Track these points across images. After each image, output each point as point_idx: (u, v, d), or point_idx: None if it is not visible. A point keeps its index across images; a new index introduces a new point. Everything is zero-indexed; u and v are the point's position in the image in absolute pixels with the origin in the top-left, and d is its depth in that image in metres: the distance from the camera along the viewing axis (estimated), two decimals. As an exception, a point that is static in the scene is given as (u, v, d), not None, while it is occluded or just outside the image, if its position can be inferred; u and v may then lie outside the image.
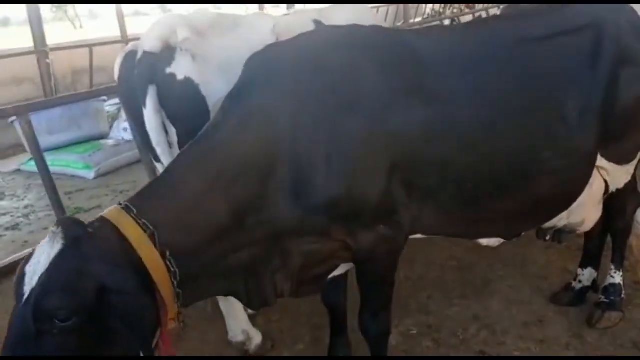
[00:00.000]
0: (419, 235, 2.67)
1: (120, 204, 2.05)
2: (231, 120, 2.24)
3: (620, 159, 2.94)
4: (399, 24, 13.78)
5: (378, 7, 14.62)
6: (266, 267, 2.35)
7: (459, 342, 3.37)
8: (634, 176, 3.19)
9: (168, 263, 1.98)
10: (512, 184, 2.53)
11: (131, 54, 2.82)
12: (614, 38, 2.63)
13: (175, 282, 2.00)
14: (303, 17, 3.57)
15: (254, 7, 11.52)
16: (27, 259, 1.87)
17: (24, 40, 10.00)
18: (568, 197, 2.77)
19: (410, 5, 16.21)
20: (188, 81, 2.69)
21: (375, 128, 2.27)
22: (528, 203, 2.61)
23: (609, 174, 3.00)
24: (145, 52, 2.72)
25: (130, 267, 1.89)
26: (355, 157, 2.24)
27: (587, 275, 3.58)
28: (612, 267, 3.43)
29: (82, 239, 1.86)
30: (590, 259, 3.56)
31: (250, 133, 2.22)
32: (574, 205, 2.96)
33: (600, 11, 2.69)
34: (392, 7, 16.24)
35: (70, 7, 41.41)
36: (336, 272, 2.63)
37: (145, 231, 1.96)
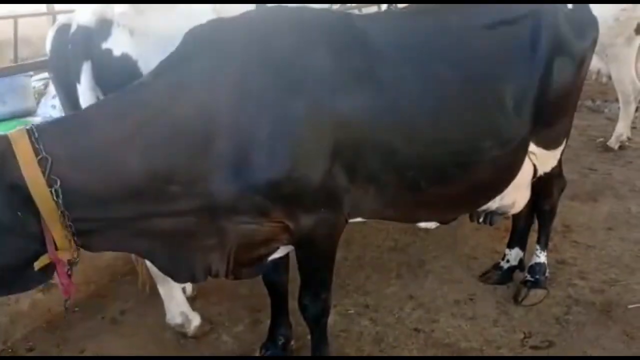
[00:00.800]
0: (359, 219, 2.71)
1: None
2: (163, 83, 2.18)
3: (548, 144, 3.09)
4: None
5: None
6: (198, 242, 2.32)
7: (395, 320, 3.47)
8: (560, 160, 3.36)
9: (52, 192, 1.95)
10: (453, 171, 2.61)
11: (64, 28, 2.69)
12: (551, 27, 2.74)
13: (62, 213, 1.98)
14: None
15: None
16: None
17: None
18: (503, 182, 2.89)
19: None
20: (125, 57, 2.60)
21: (320, 110, 2.26)
22: (467, 189, 2.71)
23: (538, 159, 3.14)
24: (79, 26, 2.60)
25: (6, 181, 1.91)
26: (298, 139, 2.23)
27: (514, 255, 3.75)
28: (538, 247, 3.62)
29: None
30: (518, 239, 3.74)
31: (184, 101, 2.15)
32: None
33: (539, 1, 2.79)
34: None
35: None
36: (276, 254, 2.64)
37: (37, 154, 1.94)
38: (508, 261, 3.78)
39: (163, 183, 2.15)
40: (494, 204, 3.20)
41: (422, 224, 3.18)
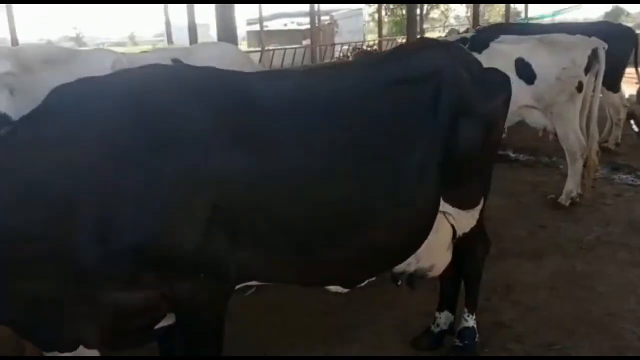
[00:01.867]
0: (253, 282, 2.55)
1: None
2: (19, 140, 2.07)
3: (463, 204, 2.98)
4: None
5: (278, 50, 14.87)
6: (65, 309, 2.16)
7: (313, 393, 3.25)
8: (480, 220, 3.25)
9: None
10: (343, 233, 2.48)
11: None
12: (453, 88, 2.68)
13: None
14: (158, 55, 3.46)
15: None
16: None
17: None
18: (408, 245, 2.76)
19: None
20: (3, 118, 2.49)
21: (192, 171, 2.15)
22: (363, 252, 2.57)
23: (455, 219, 3.03)
24: (-43, 85, 2.49)
25: None
26: (166, 201, 2.11)
27: (443, 318, 3.58)
28: (465, 310, 3.46)
29: None
30: (446, 302, 3.58)
31: (41, 159, 2.04)
32: (421, 250, 2.96)
33: (441, 60, 2.73)
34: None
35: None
36: (164, 323, 2.45)
37: None
38: (438, 325, 3.61)
39: (18, 243, 2.01)
40: (410, 266, 3.07)
41: (332, 288, 3.00)
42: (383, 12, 32.54)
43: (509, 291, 4.29)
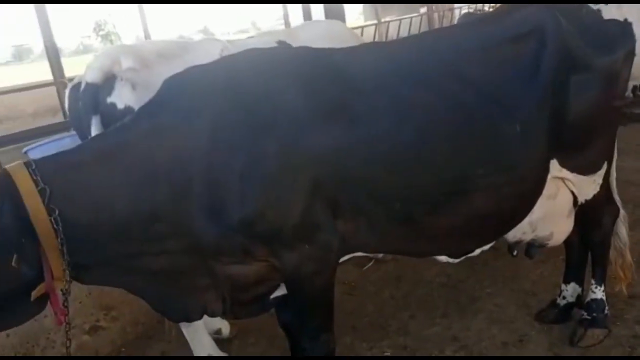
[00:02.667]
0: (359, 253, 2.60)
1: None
2: (143, 128, 2.26)
3: (583, 169, 2.79)
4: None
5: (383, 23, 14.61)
6: (191, 282, 2.35)
7: (431, 364, 3.25)
8: (606, 187, 3.02)
9: (52, 220, 2.03)
10: (444, 201, 2.43)
11: (76, 86, 2.88)
12: (557, 45, 2.51)
13: (60, 241, 2.04)
14: (264, 39, 3.57)
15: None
16: None
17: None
18: (514, 211, 2.64)
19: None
20: (128, 110, 2.73)
21: (292, 148, 2.23)
22: (466, 220, 2.50)
23: (575, 185, 2.85)
24: (87, 84, 2.78)
25: (10, 208, 2.00)
26: (270, 177, 2.22)
27: (570, 290, 3.40)
28: (593, 282, 3.24)
29: None
30: (573, 273, 3.39)
31: (162, 145, 2.22)
32: (537, 217, 2.83)
33: (542, 16, 2.56)
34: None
35: (115, 36, 42.89)
36: (279, 293, 2.58)
37: (37, 185, 2.04)
38: (564, 298, 3.43)
39: (148, 222, 2.21)
40: (526, 236, 2.94)
41: (442, 258, 2.96)
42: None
43: (645, 261, 3.95)
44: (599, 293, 3.23)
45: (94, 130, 2.74)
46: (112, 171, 2.20)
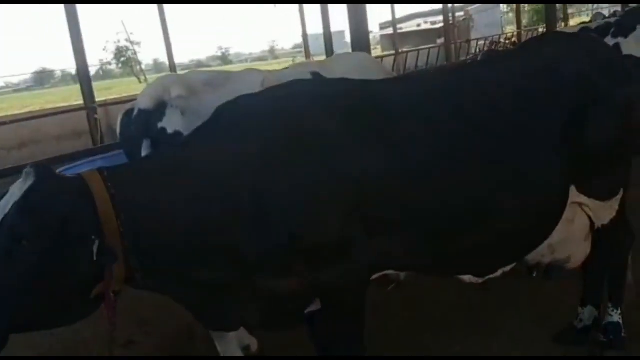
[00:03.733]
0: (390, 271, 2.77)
1: None
2: (202, 148, 2.49)
3: (600, 195, 2.97)
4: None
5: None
6: (231, 294, 2.53)
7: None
8: (622, 212, 3.18)
9: (119, 222, 2.23)
10: (471, 222, 2.62)
11: (129, 112, 3.13)
12: (577, 78, 2.72)
13: (124, 243, 2.24)
14: (298, 70, 3.82)
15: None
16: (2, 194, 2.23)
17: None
18: (535, 234, 2.82)
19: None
20: (178, 134, 2.96)
21: (332, 171, 2.45)
22: (491, 240, 2.69)
23: (592, 210, 3.03)
24: (140, 110, 3.02)
25: (87, 209, 2.20)
26: (311, 198, 2.42)
27: (587, 314, 3.52)
28: (610, 305, 3.38)
29: (51, 179, 2.22)
30: (590, 297, 3.51)
31: (219, 165, 2.44)
32: (555, 241, 3.00)
33: (561, 53, 2.78)
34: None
35: (135, 62, 43.77)
36: (312, 308, 2.76)
37: (108, 190, 2.26)
38: (581, 320, 3.55)
39: (203, 235, 2.42)
40: (545, 258, 3.11)
41: (466, 278, 3.12)
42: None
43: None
44: (615, 316, 3.36)
45: (145, 153, 2.97)
46: (174, 185, 2.42)
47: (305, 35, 18.81)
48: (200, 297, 2.57)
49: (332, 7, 14.39)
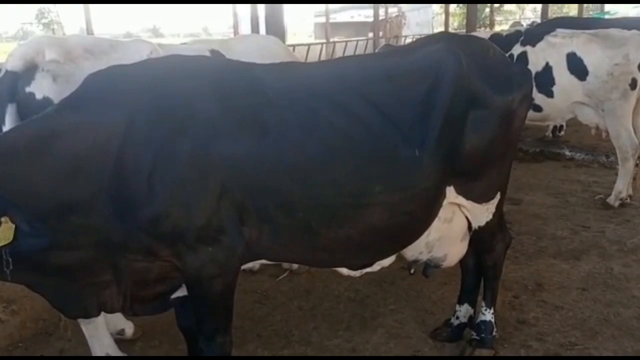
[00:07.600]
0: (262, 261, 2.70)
1: None
2: (66, 120, 2.32)
3: (477, 198, 3.02)
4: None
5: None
6: (92, 278, 2.39)
7: (327, 373, 3.38)
8: (499, 215, 3.26)
9: None
10: (343, 214, 2.58)
11: (-5, 73, 2.87)
12: (456, 81, 2.71)
13: None
14: (196, 46, 3.65)
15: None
16: None
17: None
18: (408, 229, 2.82)
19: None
20: (46, 101, 2.74)
21: (202, 153, 2.34)
22: (363, 233, 2.66)
23: (469, 212, 3.08)
24: (7, 71, 2.77)
25: None
26: (178, 179, 2.31)
27: (463, 311, 3.61)
28: (483, 304, 3.47)
29: None
30: (466, 295, 3.60)
31: (82, 138, 2.29)
32: (433, 239, 3.04)
33: (442, 54, 2.77)
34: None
35: (58, 26, 41.64)
36: (179, 293, 2.66)
37: None
38: (458, 318, 3.64)
39: (65, 214, 2.28)
40: (422, 255, 3.14)
41: (344, 271, 3.11)
42: (453, 4, 31.91)
43: (539, 290, 4.25)
44: (488, 315, 3.46)
45: (8, 119, 2.73)
46: (37, 161, 2.25)
47: (235, 15, 18.47)
48: (57, 283, 2.41)
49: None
